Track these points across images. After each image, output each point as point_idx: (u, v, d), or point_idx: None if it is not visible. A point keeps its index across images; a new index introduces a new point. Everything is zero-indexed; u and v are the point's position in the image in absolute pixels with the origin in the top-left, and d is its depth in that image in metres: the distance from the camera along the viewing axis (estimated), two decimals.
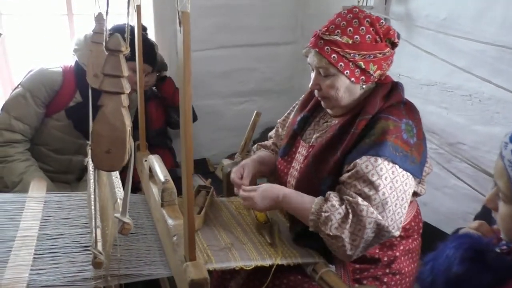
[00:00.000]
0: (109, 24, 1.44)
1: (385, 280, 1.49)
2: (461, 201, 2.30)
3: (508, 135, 0.92)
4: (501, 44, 1.93)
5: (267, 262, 1.39)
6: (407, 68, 2.51)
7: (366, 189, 1.33)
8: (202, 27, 2.98)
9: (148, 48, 2.12)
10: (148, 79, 2.35)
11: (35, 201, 1.56)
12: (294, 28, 3.28)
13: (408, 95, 1.37)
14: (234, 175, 1.63)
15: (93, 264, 1.07)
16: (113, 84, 0.77)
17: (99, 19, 1.46)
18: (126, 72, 0.78)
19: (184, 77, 0.81)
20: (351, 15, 1.42)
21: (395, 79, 1.55)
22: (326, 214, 1.35)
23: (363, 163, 1.35)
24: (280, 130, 1.81)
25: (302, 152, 1.57)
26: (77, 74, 2.12)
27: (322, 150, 1.47)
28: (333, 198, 1.38)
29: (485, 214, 1.33)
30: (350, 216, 1.33)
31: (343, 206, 1.35)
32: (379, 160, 1.34)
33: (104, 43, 1.39)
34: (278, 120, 1.84)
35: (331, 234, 1.33)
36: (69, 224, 1.44)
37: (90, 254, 1.23)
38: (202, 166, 3.27)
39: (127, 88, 0.79)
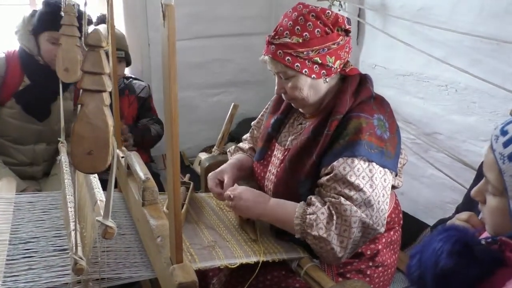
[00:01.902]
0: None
1: (369, 272, 1.50)
2: (439, 190, 2.33)
3: (498, 128, 0.91)
4: (478, 34, 1.95)
5: (252, 259, 1.36)
6: (383, 58, 2.50)
7: (346, 190, 1.34)
8: (176, 17, 2.90)
9: None
10: None
11: (5, 203, 1.49)
12: (268, 18, 3.24)
13: (384, 85, 1.35)
14: (212, 182, 1.60)
15: (74, 270, 1.02)
16: (94, 82, 0.72)
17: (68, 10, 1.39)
18: (107, 68, 0.73)
19: (170, 75, 0.76)
20: (296, 14, 1.40)
21: (371, 70, 1.54)
22: (312, 216, 1.35)
23: (340, 165, 1.35)
24: (255, 132, 1.78)
25: (278, 155, 1.55)
26: (21, 58, 2.06)
27: (298, 154, 1.46)
28: (315, 201, 1.38)
29: (468, 205, 1.34)
30: (334, 217, 1.33)
31: (326, 207, 1.35)
32: (356, 160, 1.34)
33: (76, 36, 1.34)
34: (252, 123, 1.81)
35: (318, 235, 1.33)
36: (43, 226, 1.38)
37: (68, 257, 1.18)
38: None
39: (109, 86, 0.74)
